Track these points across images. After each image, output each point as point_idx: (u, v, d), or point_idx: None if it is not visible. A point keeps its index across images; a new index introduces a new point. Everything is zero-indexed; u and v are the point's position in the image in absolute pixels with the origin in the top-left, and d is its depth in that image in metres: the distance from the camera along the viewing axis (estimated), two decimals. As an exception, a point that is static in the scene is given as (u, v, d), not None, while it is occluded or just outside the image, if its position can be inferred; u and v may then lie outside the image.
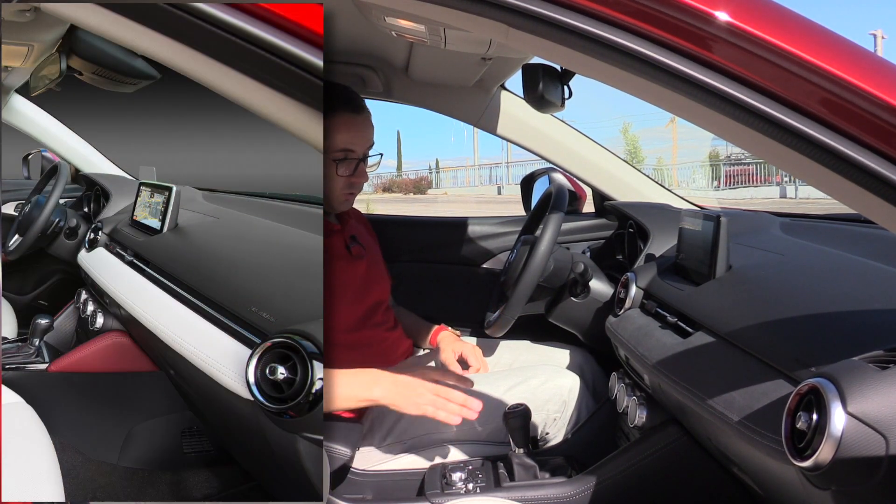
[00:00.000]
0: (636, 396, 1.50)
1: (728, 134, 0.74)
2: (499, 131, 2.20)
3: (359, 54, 2.00)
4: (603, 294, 1.80)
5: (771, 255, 1.43)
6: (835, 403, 0.75)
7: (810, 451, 0.78)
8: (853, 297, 1.08)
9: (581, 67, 0.78)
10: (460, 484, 1.48)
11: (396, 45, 1.81)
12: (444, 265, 2.31)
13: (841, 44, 0.69)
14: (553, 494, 1.44)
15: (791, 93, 0.68)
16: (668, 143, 36.40)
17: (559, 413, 1.65)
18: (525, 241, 1.78)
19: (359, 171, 1.64)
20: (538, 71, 1.21)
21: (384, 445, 1.61)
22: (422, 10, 0.79)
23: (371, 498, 1.55)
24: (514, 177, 33.91)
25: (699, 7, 0.68)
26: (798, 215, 1.87)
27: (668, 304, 1.40)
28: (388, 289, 1.78)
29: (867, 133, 0.67)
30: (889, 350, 0.83)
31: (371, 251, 1.81)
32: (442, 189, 39.56)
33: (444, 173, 45.21)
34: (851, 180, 0.67)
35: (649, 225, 1.83)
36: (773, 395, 0.93)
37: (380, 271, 1.80)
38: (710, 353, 1.16)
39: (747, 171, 27.34)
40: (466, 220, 2.35)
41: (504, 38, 0.79)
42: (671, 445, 1.42)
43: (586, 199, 2.26)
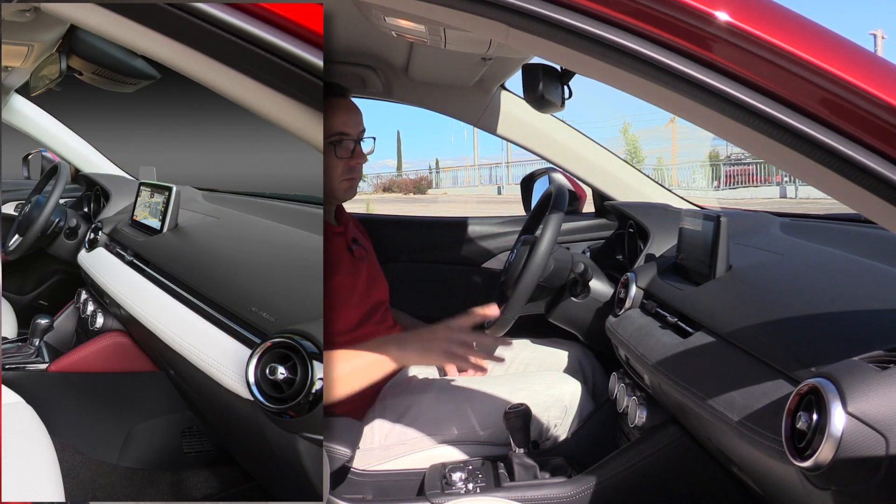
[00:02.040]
0: (636, 396, 1.50)
1: (728, 134, 0.74)
2: (499, 131, 2.20)
3: (359, 54, 2.00)
4: (603, 294, 1.80)
5: (771, 255, 1.43)
6: (835, 403, 0.75)
7: (810, 451, 0.78)
8: (853, 297, 1.08)
9: (581, 67, 0.78)
10: (460, 484, 1.48)
11: (396, 45, 1.82)
12: (444, 265, 2.31)
13: (841, 44, 0.69)
14: (553, 494, 1.44)
15: (791, 93, 0.68)
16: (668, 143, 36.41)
17: (560, 419, 1.65)
18: (525, 241, 1.78)
19: (356, 153, 1.67)
20: (538, 71, 1.21)
21: (384, 445, 1.61)
22: (422, 10, 0.79)
23: (371, 498, 1.55)
24: (514, 177, 33.89)
25: (699, 7, 0.68)
26: (798, 215, 1.87)
27: (668, 304, 1.40)
28: (387, 289, 1.80)
29: (867, 133, 0.66)
30: (889, 350, 0.83)
31: (370, 253, 1.83)
32: (442, 189, 39.55)
33: (444, 173, 45.21)
34: (851, 180, 0.67)
35: (649, 225, 1.83)
36: (773, 395, 0.93)
37: (378, 272, 1.82)
38: (710, 353, 1.16)
39: (747, 171, 27.34)
40: (466, 220, 2.35)
41: (504, 38, 0.79)
42: (671, 445, 1.42)
43: (586, 199, 2.26)
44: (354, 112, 1.69)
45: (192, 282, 1.53)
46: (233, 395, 1.18)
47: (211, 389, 1.28)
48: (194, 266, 1.70)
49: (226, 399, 1.22)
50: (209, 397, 1.39)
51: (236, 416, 1.27)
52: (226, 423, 1.53)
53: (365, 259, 1.76)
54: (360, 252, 1.76)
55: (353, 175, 1.70)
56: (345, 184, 1.69)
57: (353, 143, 1.67)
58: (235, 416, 1.28)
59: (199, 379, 1.33)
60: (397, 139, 53.07)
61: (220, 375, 1.22)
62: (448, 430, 1.59)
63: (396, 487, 1.56)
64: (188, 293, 1.49)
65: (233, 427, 1.48)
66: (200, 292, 1.45)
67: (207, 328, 1.34)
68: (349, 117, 1.67)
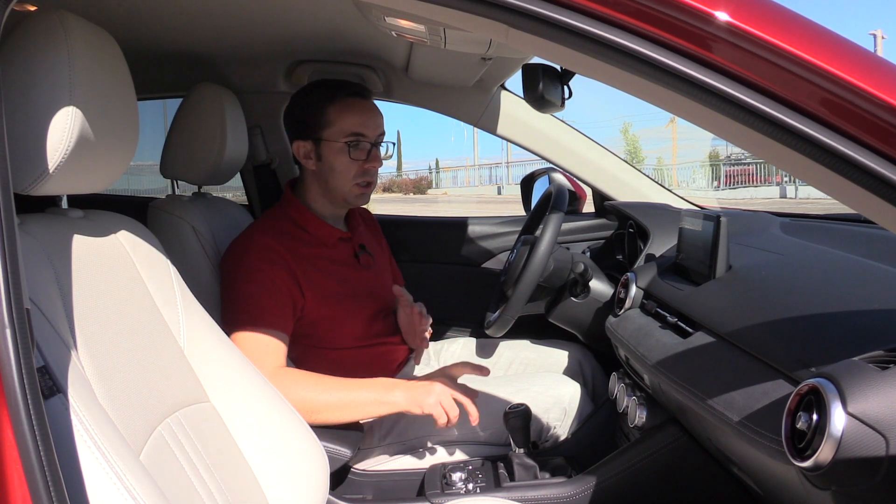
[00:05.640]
0: (636, 396, 1.50)
1: (728, 134, 0.74)
2: (499, 131, 2.20)
3: (359, 54, 2.00)
4: (603, 294, 1.80)
5: (771, 255, 1.43)
6: (835, 403, 0.75)
7: (810, 451, 0.78)
8: (853, 297, 1.08)
9: (581, 67, 0.78)
10: (460, 484, 1.48)
11: (396, 45, 1.81)
12: (444, 265, 2.31)
13: (841, 44, 0.69)
14: (553, 494, 1.44)
15: (791, 93, 0.68)
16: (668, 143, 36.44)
17: (559, 421, 1.66)
18: (525, 241, 1.78)
19: (372, 155, 1.63)
20: (538, 71, 1.21)
21: (384, 445, 1.61)
22: (422, 10, 0.79)
23: (371, 498, 1.55)
24: (514, 177, 33.93)
25: (699, 7, 0.68)
26: (798, 215, 1.87)
27: (668, 304, 1.40)
28: (392, 295, 1.74)
29: (867, 133, 0.66)
30: (889, 350, 0.83)
31: (378, 259, 1.80)
32: (442, 189, 39.58)
33: (444, 173, 45.27)
34: (851, 180, 0.67)
35: (649, 225, 1.83)
36: (773, 395, 0.93)
37: (384, 280, 1.79)
38: (710, 353, 1.16)
39: (747, 171, 27.35)
40: (466, 220, 2.35)
41: (504, 38, 0.78)
42: (671, 445, 1.42)
43: (586, 199, 2.26)
44: (374, 114, 1.65)
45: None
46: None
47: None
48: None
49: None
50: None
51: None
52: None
53: (371, 267, 1.73)
54: (367, 259, 1.72)
55: (368, 179, 1.65)
56: (357, 189, 1.64)
57: (369, 146, 1.63)
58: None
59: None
60: (397, 139, 53.01)
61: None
62: (448, 431, 1.59)
63: (396, 487, 1.56)
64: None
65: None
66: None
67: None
68: (369, 118, 1.63)
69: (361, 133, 1.61)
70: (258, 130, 2.16)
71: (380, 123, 1.65)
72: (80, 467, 0.73)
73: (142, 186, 6.11)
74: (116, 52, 0.99)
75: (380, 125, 1.65)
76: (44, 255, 0.86)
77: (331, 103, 1.61)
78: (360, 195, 1.67)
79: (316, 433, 1.18)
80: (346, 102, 1.61)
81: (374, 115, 1.64)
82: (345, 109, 1.61)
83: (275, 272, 1.53)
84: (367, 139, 1.62)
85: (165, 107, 2.80)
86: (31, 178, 0.85)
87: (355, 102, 1.62)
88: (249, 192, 2.29)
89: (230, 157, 1.67)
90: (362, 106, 1.63)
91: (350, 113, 1.61)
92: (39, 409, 0.67)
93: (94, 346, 0.87)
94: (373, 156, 1.63)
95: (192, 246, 1.61)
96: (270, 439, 1.12)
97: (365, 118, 1.62)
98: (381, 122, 1.66)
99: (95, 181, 0.96)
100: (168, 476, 0.90)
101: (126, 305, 0.98)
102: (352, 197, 1.66)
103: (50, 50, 0.87)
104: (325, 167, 1.63)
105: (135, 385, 0.92)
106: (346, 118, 1.60)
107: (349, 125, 1.60)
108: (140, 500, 0.73)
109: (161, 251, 1.12)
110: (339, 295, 1.59)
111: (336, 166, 1.62)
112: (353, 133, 1.60)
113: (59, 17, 0.89)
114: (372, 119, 1.63)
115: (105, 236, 1.02)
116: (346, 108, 1.61)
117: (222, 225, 1.73)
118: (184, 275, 1.15)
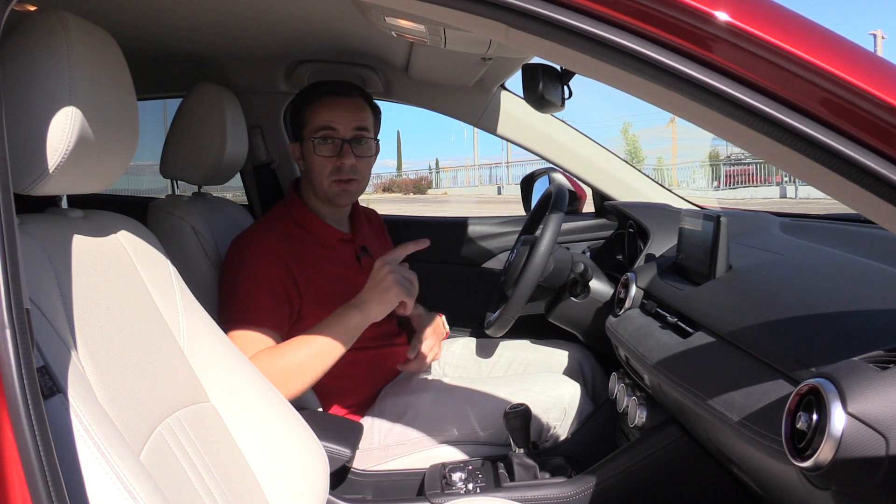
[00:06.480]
0: (636, 396, 1.50)
1: (728, 134, 0.74)
2: (499, 131, 2.20)
3: (359, 54, 2.00)
4: (603, 294, 1.80)
5: (771, 255, 1.43)
6: (835, 403, 0.75)
7: (810, 451, 0.78)
8: (853, 297, 1.08)
9: (581, 67, 0.78)
10: (460, 484, 1.48)
11: (396, 45, 1.81)
12: (444, 265, 2.31)
13: (841, 44, 0.69)
14: (553, 494, 1.44)
15: (791, 93, 0.68)
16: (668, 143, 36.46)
17: (559, 421, 1.65)
18: (525, 241, 1.78)
19: (343, 152, 1.61)
20: (538, 71, 1.21)
21: (384, 445, 1.61)
22: (422, 10, 0.79)
23: (371, 498, 1.55)
24: (514, 177, 33.93)
25: (699, 7, 0.68)
26: (798, 215, 1.86)
27: (668, 304, 1.40)
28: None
29: (867, 133, 0.66)
30: (889, 350, 0.83)
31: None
32: (442, 189, 39.58)
33: (444, 173, 45.28)
34: (851, 180, 0.67)
35: (649, 225, 1.83)
36: (773, 395, 0.93)
37: None
38: (710, 353, 1.16)
39: (747, 171, 27.35)
40: (466, 220, 2.35)
41: (504, 38, 0.78)
42: (671, 445, 1.42)
43: (586, 199, 2.26)
44: (346, 108, 1.63)
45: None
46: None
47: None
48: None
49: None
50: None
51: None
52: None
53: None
54: (368, 262, 1.69)
55: (343, 177, 1.63)
56: (336, 186, 1.63)
57: (340, 142, 1.62)
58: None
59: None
60: (397, 139, 53.14)
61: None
62: (448, 431, 1.59)
63: (396, 487, 1.56)
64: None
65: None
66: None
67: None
68: (341, 113, 1.62)
69: (329, 127, 1.61)
70: (258, 130, 2.16)
71: (357, 118, 1.63)
72: (80, 467, 0.72)
73: (142, 186, 6.11)
74: (116, 52, 0.99)
75: (352, 120, 1.62)
76: (44, 255, 0.86)
77: (308, 103, 1.65)
78: (341, 193, 1.65)
79: (316, 433, 1.18)
80: (320, 101, 1.63)
81: (347, 110, 1.63)
82: (317, 107, 1.63)
83: (273, 271, 1.53)
84: (337, 134, 1.61)
85: (165, 107, 2.81)
86: (31, 178, 0.85)
87: (328, 99, 1.63)
88: (249, 192, 2.29)
89: (230, 157, 1.67)
90: (334, 102, 1.63)
91: (320, 109, 1.62)
92: (39, 410, 0.67)
93: (94, 346, 0.87)
94: (343, 152, 1.61)
95: (192, 246, 1.61)
96: (270, 439, 1.12)
97: (333, 112, 1.61)
98: (361, 116, 1.64)
99: (95, 181, 0.96)
100: (168, 476, 0.90)
101: (126, 305, 0.98)
102: (332, 195, 1.65)
103: (50, 50, 0.87)
104: (308, 166, 1.66)
105: (135, 385, 0.92)
106: (316, 115, 1.62)
107: (318, 121, 1.62)
108: (140, 500, 0.73)
109: (161, 251, 1.12)
110: (337, 296, 1.59)
111: (312, 164, 1.64)
112: (322, 128, 1.61)
113: (59, 18, 0.89)
114: (343, 114, 1.62)
115: (105, 236, 1.02)
116: (319, 105, 1.63)
117: (222, 225, 1.73)
118: (184, 275, 1.15)
